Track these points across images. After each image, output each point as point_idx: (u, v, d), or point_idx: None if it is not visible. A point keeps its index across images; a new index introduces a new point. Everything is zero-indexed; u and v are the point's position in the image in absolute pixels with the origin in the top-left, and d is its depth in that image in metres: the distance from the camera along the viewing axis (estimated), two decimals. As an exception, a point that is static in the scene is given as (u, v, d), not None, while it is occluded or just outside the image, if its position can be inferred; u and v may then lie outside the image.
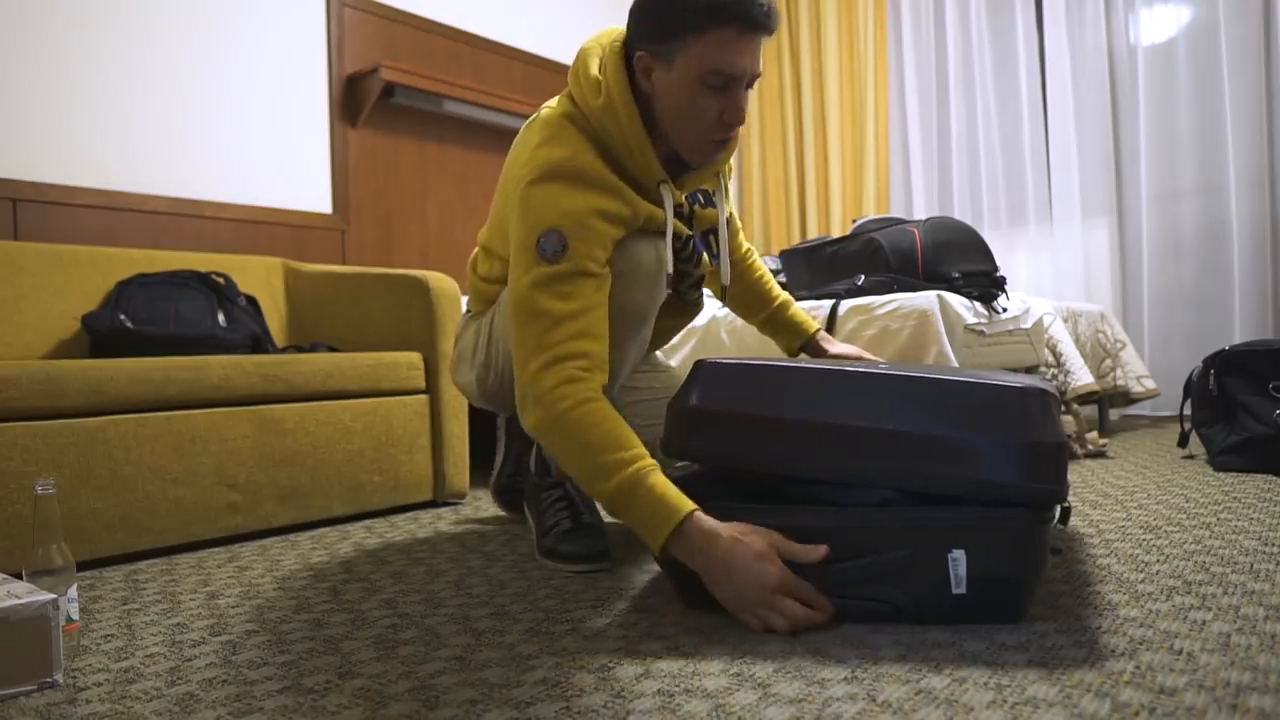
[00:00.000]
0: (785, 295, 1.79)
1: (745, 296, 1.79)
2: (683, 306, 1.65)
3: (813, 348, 1.75)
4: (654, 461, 1.20)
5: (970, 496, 1.07)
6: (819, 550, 1.09)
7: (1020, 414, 1.07)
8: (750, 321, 1.82)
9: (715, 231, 1.55)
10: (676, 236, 1.43)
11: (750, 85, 1.31)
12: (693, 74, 1.27)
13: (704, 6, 1.23)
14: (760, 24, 1.26)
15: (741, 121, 1.32)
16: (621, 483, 1.16)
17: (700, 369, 1.25)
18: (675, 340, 2.59)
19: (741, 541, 1.09)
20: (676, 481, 1.25)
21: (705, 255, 1.53)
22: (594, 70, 1.35)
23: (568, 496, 1.55)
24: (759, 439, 1.16)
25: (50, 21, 2.48)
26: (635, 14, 1.32)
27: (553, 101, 1.43)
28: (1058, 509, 1.21)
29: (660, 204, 1.40)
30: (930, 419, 1.09)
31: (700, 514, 1.13)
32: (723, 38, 1.24)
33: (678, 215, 1.46)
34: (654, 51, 1.30)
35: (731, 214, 1.69)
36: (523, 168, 1.34)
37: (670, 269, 1.41)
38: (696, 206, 1.51)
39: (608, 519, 1.86)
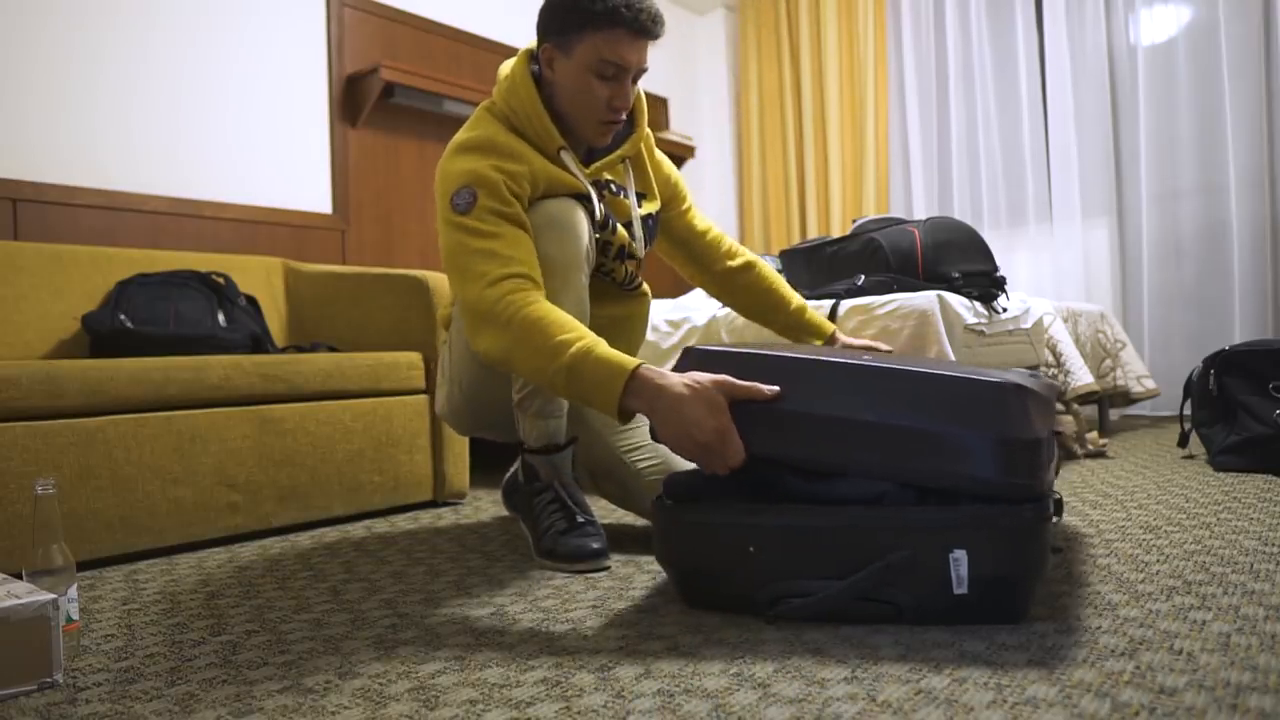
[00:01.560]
0: (800, 299, 1.89)
1: (760, 304, 1.87)
2: (620, 294, 1.70)
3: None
4: (601, 339, 1.30)
5: (951, 488, 1.08)
6: (770, 388, 1.17)
7: (997, 410, 1.07)
8: (770, 327, 1.89)
9: (631, 224, 1.62)
10: (587, 199, 1.52)
11: (636, 79, 1.51)
12: (588, 62, 1.46)
13: (603, 9, 1.43)
14: (648, 30, 1.46)
15: (627, 106, 1.51)
16: (574, 355, 1.27)
17: (688, 356, 1.29)
18: (675, 339, 2.59)
19: (693, 389, 1.19)
20: (674, 479, 1.25)
21: (621, 227, 1.60)
22: (505, 72, 1.57)
23: (559, 499, 1.53)
24: (741, 425, 1.17)
25: (50, 21, 2.48)
26: (542, 14, 1.51)
27: None
28: (1055, 507, 1.21)
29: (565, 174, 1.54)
30: (908, 411, 1.10)
31: (648, 366, 1.25)
32: (616, 36, 1.44)
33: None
34: (556, 44, 1.49)
35: (710, 228, 1.83)
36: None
37: (586, 224, 1.49)
38: (608, 193, 1.59)
39: (604, 520, 1.86)
